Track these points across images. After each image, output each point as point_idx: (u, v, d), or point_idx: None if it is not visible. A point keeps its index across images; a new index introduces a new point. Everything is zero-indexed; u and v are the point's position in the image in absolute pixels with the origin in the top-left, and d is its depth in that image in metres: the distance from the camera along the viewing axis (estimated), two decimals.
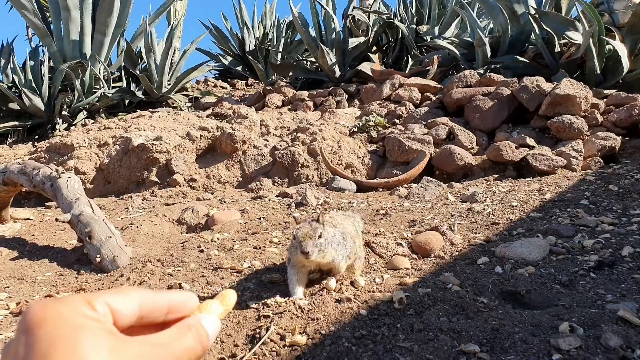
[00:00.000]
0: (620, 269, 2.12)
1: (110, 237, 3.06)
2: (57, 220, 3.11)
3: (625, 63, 5.64)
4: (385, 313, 1.87)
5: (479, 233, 3.05)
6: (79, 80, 8.16)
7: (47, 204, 5.24)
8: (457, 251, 2.70)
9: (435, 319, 1.75)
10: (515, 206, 3.61)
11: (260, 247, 3.19)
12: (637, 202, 3.22)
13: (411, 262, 2.62)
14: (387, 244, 2.86)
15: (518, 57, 6.70)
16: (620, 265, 2.17)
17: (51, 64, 8.89)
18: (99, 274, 2.90)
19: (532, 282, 2.10)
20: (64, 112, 8.07)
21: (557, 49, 6.35)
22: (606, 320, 1.63)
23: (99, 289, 2.60)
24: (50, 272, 2.99)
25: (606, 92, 5.56)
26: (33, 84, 8.11)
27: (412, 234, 3.09)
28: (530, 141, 5.04)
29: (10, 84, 8.29)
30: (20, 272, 2.95)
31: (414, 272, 2.41)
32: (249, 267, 2.74)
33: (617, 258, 2.24)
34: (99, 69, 8.71)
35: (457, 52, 7.54)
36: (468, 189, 4.37)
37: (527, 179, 4.61)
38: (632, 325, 1.60)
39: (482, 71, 6.65)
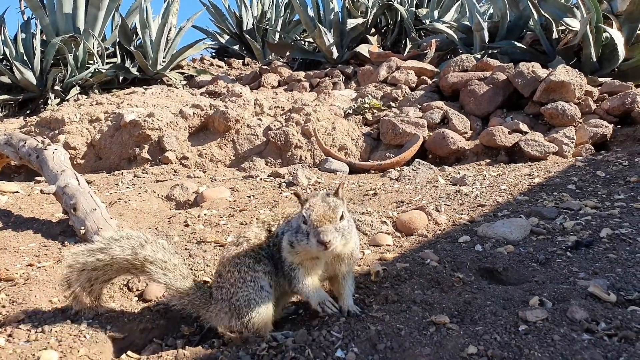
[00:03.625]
0: (597, 249, 2.15)
1: (95, 209, 3.06)
2: (42, 191, 3.11)
3: (622, 51, 5.60)
4: (363, 285, 1.89)
5: (464, 214, 3.07)
6: (72, 54, 8.04)
7: (37, 178, 5.22)
8: (440, 230, 2.72)
9: (409, 291, 1.77)
10: (504, 189, 3.63)
11: (246, 224, 3.20)
12: (622, 187, 3.23)
13: (394, 239, 2.63)
14: (372, 222, 2.88)
15: (516, 42, 6.63)
16: (597, 245, 2.19)
17: (43, 37, 8.74)
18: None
19: (510, 260, 2.12)
20: (56, 87, 7.98)
21: (555, 35, 6.29)
22: (576, 295, 1.65)
23: None
24: (34, 243, 2.99)
25: (601, 80, 5.53)
26: (25, 57, 7.99)
27: (398, 213, 3.10)
28: (523, 127, 5.03)
29: (1, 57, 8.16)
30: (3, 242, 2.95)
31: (395, 249, 2.43)
32: None
33: (595, 239, 2.26)
34: (93, 44, 8.57)
35: (456, 37, 7.46)
36: (459, 173, 4.38)
37: (518, 164, 4.62)
38: (600, 300, 1.63)
39: (479, 56, 6.59)
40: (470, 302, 1.65)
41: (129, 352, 1.58)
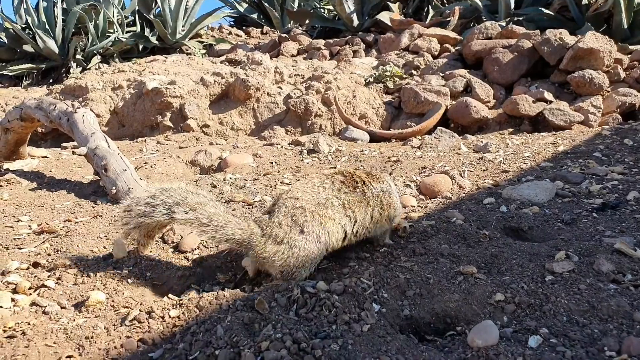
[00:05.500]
0: (623, 211, 2.15)
1: (125, 170, 3.16)
2: (74, 153, 3.21)
3: None
4: (390, 240, 1.94)
5: (488, 179, 3.08)
6: (93, 23, 8.07)
7: (63, 144, 5.36)
8: (464, 193, 2.74)
9: (436, 245, 1.82)
10: (527, 157, 3.61)
11: (271, 186, 3.27)
12: None
13: (418, 201, 2.67)
14: (396, 185, 2.91)
15: (543, 9, 6.40)
16: (624, 207, 2.19)
17: (64, 5, 8.76)
18: (114, 205, 3.02)
19: (535, 220, 2.15)
20: (77, 56, 8.06)
21: (584, 1, 6.04)
22: (602, 251, 1.68)
23: (114, 216, 2.73)
24: (68, 201, 3.12)
25: (632, 47, 5.34)
26: (47, 26, 8.06)
27: (421, 178, 3.13)
28: (548, 96, 4.93)
29: (24, 25, 8.24)
30: (40, 200, 3.09)
31: (420, 209, 2.47)
32: (260, 200, 2.83)
33: (622, 201, 2.26)
34: (113, 12, 8.58)
35: (480, 3, 7.23)
36: (482, 141, 4.35)
37: (542, 133, 4.56)
38: (626, 255, 1.65)
39: (504, 23, 6.39)
40: (497, 255, 1.70)
41: (170, 295, 1.68)
